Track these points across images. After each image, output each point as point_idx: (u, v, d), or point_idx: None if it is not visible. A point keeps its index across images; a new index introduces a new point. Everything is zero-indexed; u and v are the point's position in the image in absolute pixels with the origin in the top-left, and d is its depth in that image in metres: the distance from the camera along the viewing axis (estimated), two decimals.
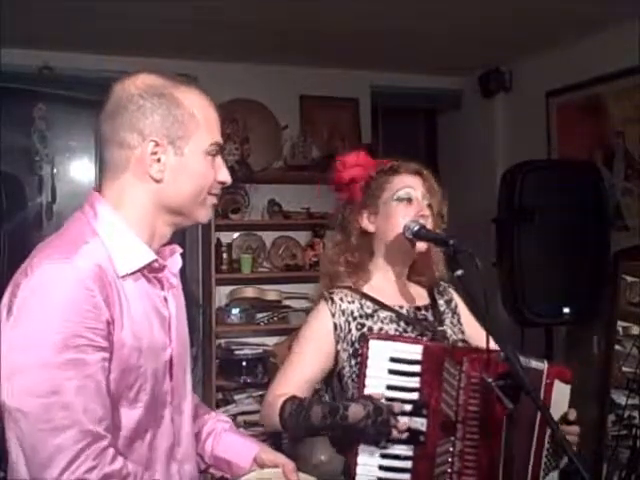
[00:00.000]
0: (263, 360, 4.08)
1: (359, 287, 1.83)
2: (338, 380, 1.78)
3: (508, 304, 3.38)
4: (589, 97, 3.79)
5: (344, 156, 1.92)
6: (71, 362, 1.16)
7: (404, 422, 1.56)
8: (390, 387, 1.60)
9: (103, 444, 1.19)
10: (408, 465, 1.59)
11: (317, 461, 1.65)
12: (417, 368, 1.60)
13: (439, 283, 1.93)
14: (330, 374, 1.79)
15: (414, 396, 1.59)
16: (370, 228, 1.85)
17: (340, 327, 1.76)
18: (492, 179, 4.00)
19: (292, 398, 1.68)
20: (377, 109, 4.75)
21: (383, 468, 1.59)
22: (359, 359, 1.68)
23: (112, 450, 1.20)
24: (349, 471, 1.60)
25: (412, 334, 1.78)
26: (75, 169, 4.20)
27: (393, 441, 1.58)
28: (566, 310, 3.22)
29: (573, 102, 3.92)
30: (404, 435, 1.56)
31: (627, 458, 3.07)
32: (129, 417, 1.26)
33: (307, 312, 4.55)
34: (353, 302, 1.79)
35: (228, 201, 4.19)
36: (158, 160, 1.29)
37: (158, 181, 1.30)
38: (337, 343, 1.76)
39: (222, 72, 4.09)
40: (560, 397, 1.67)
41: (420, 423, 1.58)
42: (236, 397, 4.01)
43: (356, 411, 1.55)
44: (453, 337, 1.83)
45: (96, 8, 3.22)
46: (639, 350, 3.15)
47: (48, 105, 3.86)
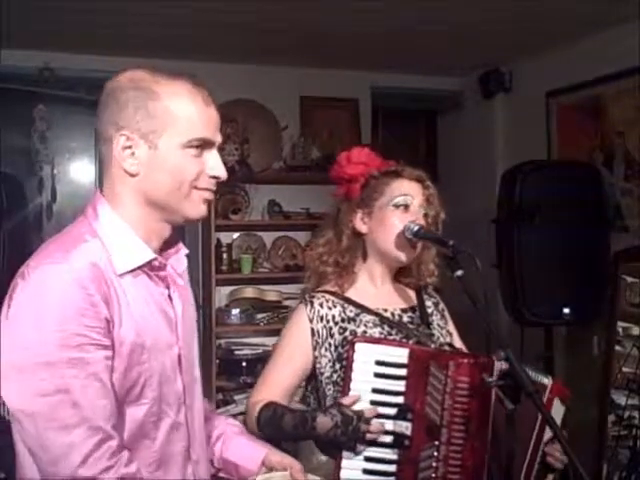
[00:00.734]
0: (263, 360, 4.05)
1: (344, 290, 1.81)
2: (318, 384, 1.77)
3: (508, 304, 3.38)
4: (589, 97, 3.79)
5: (349, 151, 1.89)
6: (73, 361, 1.16)
7: (379, 424, 1.56)
8: (376, 390, 1.60)
9: (115, 443, 1.19)
10: (392, 469, 1.59)
11: (318, 462, 1.65)
12: (403, 371, 1.60)
13: (427, 285, 1.92)
14: (312, 378, 1.78)
15: (399, 400, 1.59)
16: (363, 229, 1.83)
17: (318, 333, 1.74)
18: (492, 179, 4.00)
19: (268, 405, 1.68)
20: (377, 110, 4.75)
21: (367, 472, 1.59)
22: (344, 362, 1.67)
23: (127, 452, 1.21)
24: (334, 474, 1.59)
25: (397, 337, 1.76)
26: (75, 169, 4.20)
27: (377, 444, 1.58)
28: (566, 310, 3.21)
29: (573, 102, 3.92)
30: (380, 437, 1.56)
31: (627, 458, 3.07)
32: (134, 413, 1.26)
33: None
34: (335, 307, 1.77)
35: (228, 201, 4.19)
36: (132, 154, 1.28)
37: (133, 175, 1.28)
38: (314, 349, 1.74)
39: (222, 72, 4.08)
40: (555, 415, 1.66)
41: (405, 427, 1.58)
42: (236, 397, 4.00)
43: (324, 422, 1.56)
44: (440, 340, 1.82)
45: (96, 8, 3.22)
46: (639, 350, 3.15)
47: (48, 106, 3.86)
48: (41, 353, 1.16)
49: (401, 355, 1.60)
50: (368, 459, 1.59)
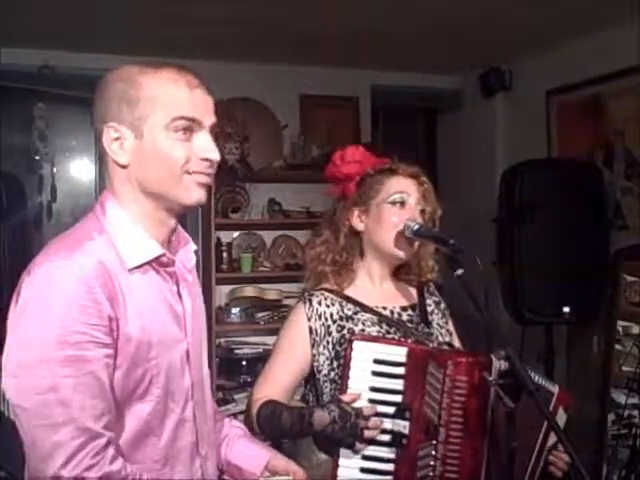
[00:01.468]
0: (263, 359, 4.03)
1: (343, 288, 1.81)
2: (315, 382, 1.77)
3: (508, 304, 3.38)
4: (589, 97, 3.79)
5: (343, 150, 1.89)
6: (71, 358, 1.17)
7: (376, 421, 1.56)
8: (373, 389, 1.60)
9: (102, 442, 1.19)
10: (390, 468, 1.58)
11: (318, 460, 1.66)
12: (401, 370, 1.60)
13: (429, 283, 1.92)
14: (311, 377, 1.78)
15: (397, 398, 1.59)
16: (359, 227, 1.83)
17: (316, 331, 1.74)
18: (492, 179, 4.00)
19: (267, 403, 1.68)
20: (377, 108, 4.75)
21: (364, 470, 1.59)
22: (342, 361, 1.67)
23: (112, 450, 1.20)
24: (332, 472, 1.59)
25: (395, 336, 1.76)
26: (75, 168, 4.20)
27: (374, 443, 1.57)
28: (566, 310, 3.21)
29: (573, 102, 3.92)
30: (378, 434, 1.56)
31: (627, 458, 3.07)
32: (139, 411, 1.26)
33: None
34: (333, 305, 1.77)
35: (228, 200, 4.19)
36: (121, 145, 1.28)
37: (125, 166, 1.29)
38: (312, 347, 1.74)
39: (222, 71, 4.08)
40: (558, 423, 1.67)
41: (402, 426, 1.58)
42: (236, 396, 4.00)
43: (321, 417, 1.56)
44: (439, 339, 1.81)
45: (96, 8, 3.22)
46: (639, 349, 3.15)
47: (48, 104, 3.86)
48: (41, 350, 1.16)
49: (399, 354, 1.60)
50: (366, 457, 1.58)
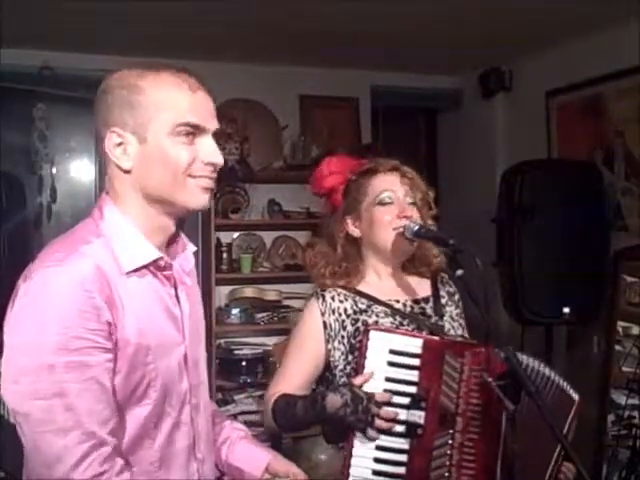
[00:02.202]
0: (263, 360, 4.08)
1: (353, 285, 1.82)
2: (331, 377, 1.77)
3: (508, 304, 3.38)
4: (589, 97, 3.79)
5: (322, 164, 1.92)
6: (73, 364, 1.16)
7: (393, 412, 1.56)
8: (388, 379, 1.60)
9: (108, 450, 1.19)
10: (404, 458, 1.58)
11: (317, 460, 1.66)
12: (416, 361, 1.60)
13: (442, 274, 1.91)
14: (325, 372, 1.79)
15: (412, 389, 1.59)
16: (355, 233, 1.84)
17: (330, 326, 1.76)
18: (492, 179, 4.00)
19: (281, 396, 1.70)
20: (377, 109, 4.75)
21: (378, 460, 1.58)
22: (357, 353, 1.67)
23: (120, 460, 1.20)
24: (344, 462, 1.59)
25: (409, 328, 1.77)
26: (75, 169, 4.20)
27: (389, 433, 1.57)
28: (566, 310, 3.21)
29: (573, 102, 3.92)
30: (394, 426, 1.56)
31: (627, 458, 3.07)
32: (137, 414, 1.26)
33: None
34: (346, 300, 1.78)
35: (228, 201, 4.19)
36: (124, 150, 1.28)
37: (128, 171, 1.28)
38: (327, 342, 1.75)
39: (222, 72, 4.07)
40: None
41: (418, 416, 1.57)
42: (236, 397, 4.00)
43: (333, 399, 1.56)
44: (452, 332, 1.82)
45: (96, 8, 3.22)
46: (639, 350, 3.15)
47: (48, 105, 3.86)
48: (42, 356, 1.16)
49: (415, 345, 1.60)
50: (380, 448, 1.58)
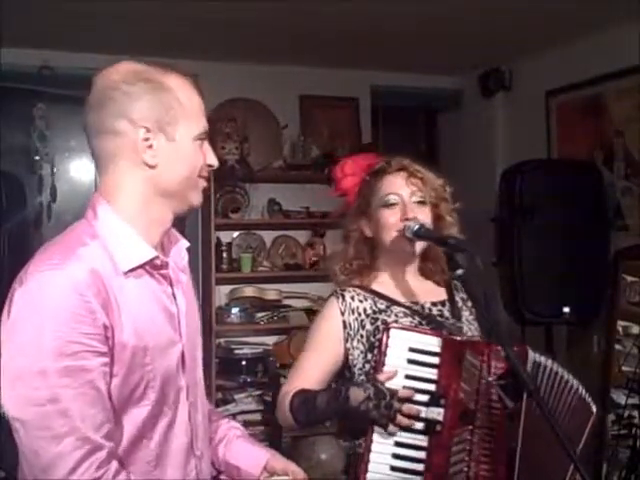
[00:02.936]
0: (263, 359, 4.09)
1: (367, 284, 1.83)
2: (350, 375, 1.77)
3: (508, 304, 3.38)
4: (589, 97, 3.79)
5: (341, 164, 1.96)
6: (68, 369, 1.16)
7: (415, 408, 1.56)
8: (408, 377, 1.60)
9: (104, 454, 1.18)
10: (422, 455, 1.58)
11: (318, 460, 1.66)
12: (436, 360, 1.60)
13: (456, 281, 1.90)
14: (341, 372, 1.79)
15: (431, 387, 1.59)
16: (367, 232, 1.86)
17: (350, 325, 1.76)
18: (492, 179, 4.00)
19: (299, 392, 1.70)
20: (377, 108, 4.75)
21: (397, 456, 1.59)
22: (376, 351, 1.68)
23: (116, 463, 1.20)
24: (362, 458, 1.60)
25: (427, 327, 1.77)
26: (75, 168, 4.20)
27: (408, 430, 1.57)
28: (566, 310, 3.22)
29: (573, 102, 3.92)
30: (414, 423, 1.56)
31: (627, 458, 3.07)
32: (135, 416, 1.26)
33: (306, 311, 4.54)
34: (365, 300, 1.78)
35: (228, 200, 4.19)
36: (150, 146, 1.28)
37: (152, 167, 1.29)
38: (346, 341, 1.75)
39: (222, 72, 4.08)
40: None
41: (437, 413, 1.58)
42: (236, 396, 4.01)
43: (356, 393, 1.56)
44: (469, 333, 1.82)
45: (96, 8, 3.22)
46: (639, 350, 3.15)
47: (48, 104, 3.86)
48: (37, 361, 1.15)
49: (435, 344, 1.61)
50: (399, 444, 1.58)
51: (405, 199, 1.80)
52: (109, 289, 1.22)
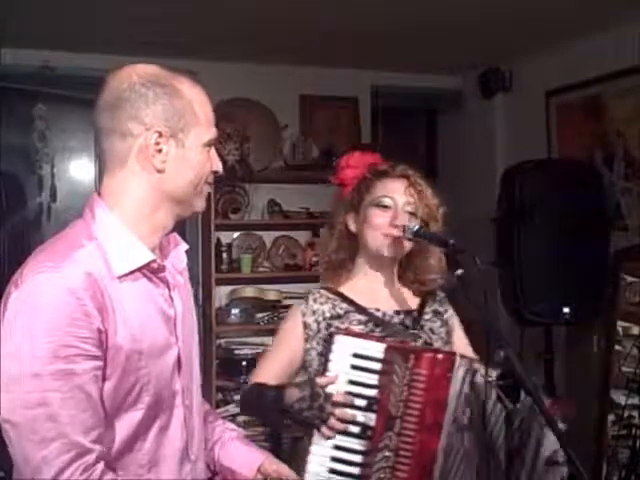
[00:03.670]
0: None
1: (339, 286, 1.87)
2: (306, 376, 1.81)
3: (508, 304, 3.38)
4: (589, 97, 3.79)
5: (348, 156, 1.97)
6: (60, 373, 1.15)
7: (350, 413, 1.59)
8: (351, 382, 1.63)
9: (91, 458, 1.18)
10: (359, 459, 1.62)
11: None
12: (377, 366, 1.63)
13: (436, 293, 1.93)
14: (301, 370, 1.84)
15: (372, 392, 1.63)
16: (353, 228, 1.88)
17: (309, 326, 1.81)
18: (492, 179, 4.00)
19: (254, 384, 1.77)
20: (377, 108, 4.74)
21: (335, 459, 1.62)
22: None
23: (101, 465, 1.20)
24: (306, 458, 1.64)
25: (377, 334, 1.79)
26: (75, 168, 4.20)
27: (346, 434, 1.61)
28: (566, 310, 3.21)
29: (573, 102, 3.91)
30: (348, 427, 1.59)
31: (627, 458, 3.07)
32: (129, 419, 1.25)
33: None
34: (326, 303, 1.83)
35: (228, 201, 4.19)
36: (160, 150, 1.28)
37: (160, 171, 1.29)
38: (305, 341, 1.81)
39: (222, 72, 4.08)
40: None
41: (369, 418, 1.62)
42: (236, 397, 4.00)
43: (292, 393, 1.62)
44: (435, 344, 1.83)
45: (96, 8, 3.22)
46: (639, 350, 3.15)
47: (48, 105, 3.86)
48: (30, 364, 1.15)
49: (378, 350, 1.64)
50: (337, 447, 1.62)
51: (399, 205, 1.81)
52: (105, 292, 1.21)
